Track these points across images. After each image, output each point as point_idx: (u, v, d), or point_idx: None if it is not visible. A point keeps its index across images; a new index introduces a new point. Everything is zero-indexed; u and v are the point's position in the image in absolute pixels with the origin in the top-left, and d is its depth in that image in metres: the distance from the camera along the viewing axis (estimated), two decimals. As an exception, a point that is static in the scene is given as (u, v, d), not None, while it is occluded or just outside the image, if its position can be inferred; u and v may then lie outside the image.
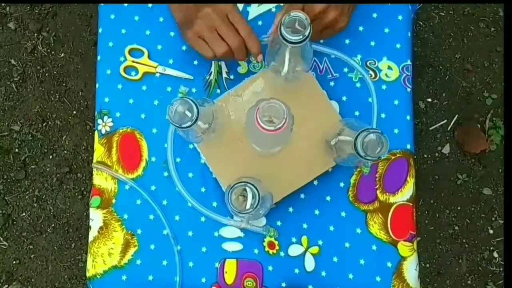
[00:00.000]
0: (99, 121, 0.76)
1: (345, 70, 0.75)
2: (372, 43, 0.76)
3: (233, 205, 0.55)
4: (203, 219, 0.73)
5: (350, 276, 0.71)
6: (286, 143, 0.68)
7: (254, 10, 0.77)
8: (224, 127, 0.69)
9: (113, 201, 0.74)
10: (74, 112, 1.47)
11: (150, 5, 0.78)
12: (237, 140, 0.71)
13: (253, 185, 0.54)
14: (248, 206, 0.54)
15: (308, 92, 0.72)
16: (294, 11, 0.53)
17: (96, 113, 0.77)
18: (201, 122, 0.56)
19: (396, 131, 0.74)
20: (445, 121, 1.45)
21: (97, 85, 0.77)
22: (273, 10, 0.77)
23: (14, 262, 1.44)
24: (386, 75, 0.75)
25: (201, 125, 0.57)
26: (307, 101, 0.71)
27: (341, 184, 0.73)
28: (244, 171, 0.66)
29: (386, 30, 0.76)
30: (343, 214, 0.73)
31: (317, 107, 0.71)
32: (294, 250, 0.72)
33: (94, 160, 0.76)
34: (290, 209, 0.73)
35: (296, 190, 0.71)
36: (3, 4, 1.50)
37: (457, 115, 1.45)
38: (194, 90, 0.76)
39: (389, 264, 0.71)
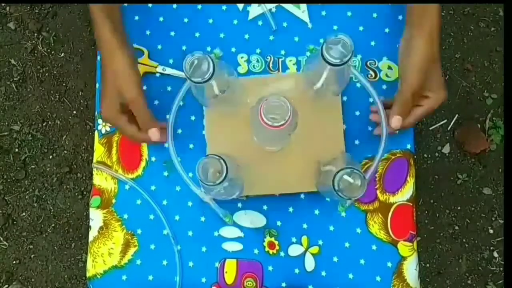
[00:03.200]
0: (99, 121, 0.76)
1: (345, 70, 0.75)
2: (372, 43, 0.76)
3: (199, 173, 0.54)
4: (203, 219, 0.73)
5: (350, 276, 0.71)
6: (282, 145, 0.68)
7: (254, 10, 0.77)
8: (236, 104, 0.69)
9: (113, 201, 0.74)
10: (74, 112, 1.47)
11: (150, 5, 0.78)
12: (241, 121, 0.70)
13: (225, 162, 0.54)
14: (211, 178, 0.54)
15: (327, 110, 0.71)
16: (341, 35, 0.53)
17: (96, 113, 0.77)
18: (215, 84, 0.56)
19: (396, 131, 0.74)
20: (445, 121, 1.45)
21: (97, 85, 0.77)
22: (273, 10, 0.77)
23: (14, 262, 1.44)
24: (386, 75, 0.75)
25: (214, 87, 0.56)
26: (322, 119, 0.70)
27: (341, 184, 0.73)
28: (234, 151, 0.64)
29: (386, 30, 0.76)
30: (343, 214, 0.73)
31: (329, 129, 0.71)
32: (294, 250, 0.72)
33: (94, 160, 0.76)
34: (290, 209, 0.73)
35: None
36: (3, 4, 1.50)
37: (457, 115, 1.45)
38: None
39: (389, 264, 0.71)
